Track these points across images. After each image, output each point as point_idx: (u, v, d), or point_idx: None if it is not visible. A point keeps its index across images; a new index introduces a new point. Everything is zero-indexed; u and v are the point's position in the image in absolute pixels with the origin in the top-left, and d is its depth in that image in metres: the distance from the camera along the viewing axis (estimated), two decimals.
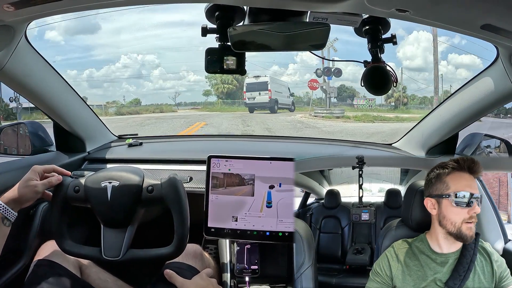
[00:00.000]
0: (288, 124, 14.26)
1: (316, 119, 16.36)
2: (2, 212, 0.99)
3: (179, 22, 42.89)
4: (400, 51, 29.24)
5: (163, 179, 1.11)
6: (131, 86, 31.94)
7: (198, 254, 1.22)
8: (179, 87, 31.80)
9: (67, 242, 1.09)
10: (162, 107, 24.53)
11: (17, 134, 1.62)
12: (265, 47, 0.98)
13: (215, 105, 25.67)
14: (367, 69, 1.02)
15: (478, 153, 1.56)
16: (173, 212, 1.07)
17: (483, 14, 0.80)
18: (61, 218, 1.09)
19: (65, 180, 1.10)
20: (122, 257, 1.06)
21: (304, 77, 31.26)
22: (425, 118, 1.62)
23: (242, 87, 21.65)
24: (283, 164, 1.24)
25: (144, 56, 32.71)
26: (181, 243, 1.07)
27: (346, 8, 0.83)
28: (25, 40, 1.13)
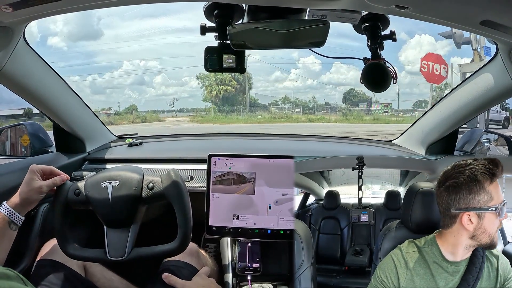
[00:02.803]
0: None
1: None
2: (9, 216, 1.00)
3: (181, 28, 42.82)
4: (402, 55, 29.24)
5: (163, 175, 1.11)
6: (133, 92, 31.95)
7: (194, 252, 1.22)
8: (182, 93, 31.77)
9: (70, 246, 1.08)
10: (145, 116, 22.59)
11: (17, 135, 1.62)
12: (265, 45, 0.99)
13: (208, 112, 23.10)
14: (366, 65, 1.02)
15: (478, 149, 1.56)
16: (175, 206, 1.08)
17: (482, 10, 0.80)
18: (63, 223, 1.09)
19: (64, 184, 1.10)
20: (127, 256, 1.06)
21: (307, 82, 31.31)
22: (425, 115, 1.62)
23: (244, 89, 20.27)
24: (283, 161, 1.24)
25: (146, 62, 32.71)
26: (185, 238, 1.08)
27: (345, 5, 0.83)
28: (24, 41, 1.13)
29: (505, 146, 1.66)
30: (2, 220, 0.99)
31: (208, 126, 16.45)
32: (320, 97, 22.34)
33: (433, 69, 13.46)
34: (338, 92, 33.08)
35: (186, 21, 32.35)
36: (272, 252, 1.29)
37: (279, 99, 26.74)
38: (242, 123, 18.52)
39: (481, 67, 1.24)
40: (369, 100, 24.12)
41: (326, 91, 36.34)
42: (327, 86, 33.88)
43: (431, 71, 13.48)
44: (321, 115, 22.72)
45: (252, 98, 24.54)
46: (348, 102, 25.44)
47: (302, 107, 24.26)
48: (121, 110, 24.98)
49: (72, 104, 1.52)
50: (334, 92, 41.13)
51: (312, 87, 33.48)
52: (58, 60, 28.09)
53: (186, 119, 21.41)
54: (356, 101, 25.56)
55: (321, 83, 33.37)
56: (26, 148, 1.59)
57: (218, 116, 21.38)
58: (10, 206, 1.01)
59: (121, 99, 34.62)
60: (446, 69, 13.63)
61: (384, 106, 22.54)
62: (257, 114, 22.24)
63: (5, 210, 1.00)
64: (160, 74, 32.46)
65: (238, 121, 19.69)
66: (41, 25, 31.23)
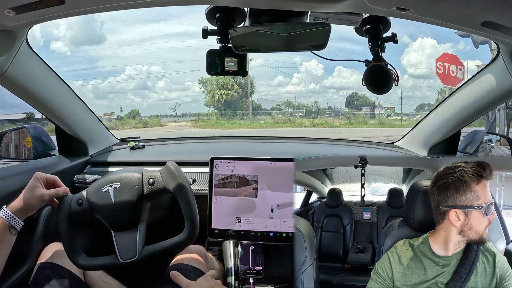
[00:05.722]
0: None
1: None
2: (9, 221, 1.00)
3: (184, 33, 43.03)
4: (405, 58, 29.24)
5: (162, 169, 1.12)
6: (136, 97, 32.03)
7: (202, 255, 1.22)
8: (184, 97, 31.85)
9: (80, 257, 1.08)
10: (147, 121, 22.52)
11: (20, 138, 1.63)
12: (266, 48, 0.99)
13: (210, 117, 22.96)
14: (368, 68, 1.02)
15: (481, 150, 1.56)
16: (178, 197, 1.08)
17: (483, 11, 0.80)
18: (70, 235, 1.08)
19: (66, 196, 1.10)
20: (139, 256, 1.06)
21: (309, 86, 31.32)
22: (427, 117, 1.62)
23: (246, 94, 20.02)
24: (285, 164, 1.24)
25: (149, 67, 32.80)
26: (193, 227, 1.08)
27: (346, 8, 0.83)
28: (27, 44, 1.13)
29: (507, 147, 1.66)
30: (1, 225, 0.99)
31: (210, 132, 16.28)
32: (322, 101, 22.49)
33: (449, 70, 12.78)
34: (341, 96, 33.08)
35: (188, 26, 32.64)
36: (274, 254, 1.29)
37: (281, 104, 26.80)
38: (245, 127, 18.31)
39: (483, 68, 1.24)
40: (372, 104, 24.09)
41: (328, 95, 36.55)
42: (330, 90, 34.05)
43: (447, 72, 12.79)
44: (324, 119, 22.67)
45: (254, 102, 24.50)
46: (351, 106, 25.46)
47: (305, 111, 24.21)
48: (123, 115, 25.03)
49: (74, 107, 1.53)
50: (336, 96, 41.25)
51: (315, 91, 33.64)
52: (61, 64, 28.34)
53: (188, 124, 21.31)
54: (359, 105, 25.55)
55: (324, 87, 33.52)
56: (29, 151, 1.59)
57: (220, 121, 21.26)
58: (11, 210, 1.01)
59: (123, 104, 34.85)
60: (463, 70, 12.88)
61: (387, 110, 22.46)
62: (260, 119, 22.12)
63: (5, 215, 1.00)
64: (162, 79, 32.62)
65: (240, 126, 19.58)
66: (44, 30, 31.44)
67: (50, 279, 1.07)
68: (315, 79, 34.08)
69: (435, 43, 28.72)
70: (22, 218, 1.02)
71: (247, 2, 0.89)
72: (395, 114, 22.72)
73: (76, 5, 0.85)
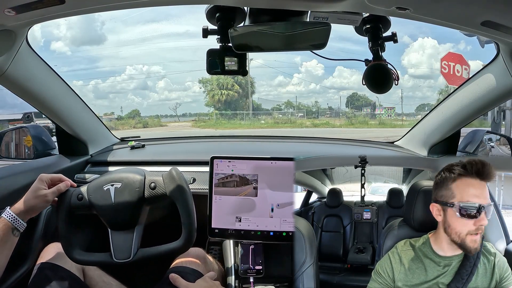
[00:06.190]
0: None
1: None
2: (12, 222, 1.00)
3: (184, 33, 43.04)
4: (405, 58, 29.22)
5: (164, 174, 1.11)
6: (136, 97, 32.01)
7: (201, 257, 1.22)
8: (185, 98, 31.84)
9: (76, 251, 1.09)
10: (147, 121, 22.40)
11: (20, 138, 1.63)
12: (266, 47, 0.99)
13: (210, 117, 22.74)
14: (368, 67, 1.02)
15: (481, 150, 1.56)
16: (178, 205, 1.08)
17: (483, 10, 0.80)
18: (67, 229, 1.09)
19: (67, 190, 1.10)
20: (133, 258, 1.06)
21: (309, 86, 31.33)
22: (427, 116, 1.62)
23: (246, 94, 19.88)
24: (285, 163, 1.24)
25: (149, 67, 32.77)
26: (190, 235, 1.07)
27: (346, 7, 0.83)
28: (27, 44, 1.13)
29: (507, 146, 1.66)
30: (5, 226, 0.99)
31: (210, 132, 16.12)
32: (323, 101, 22.48)
33: (454, 70, 12.41)
34: (341, 96, 33.08)
35: (188, 26, 32.61)
36: (274, 254, 1.29)
37: (282, 104, 26.72)
38: (245, 128, 18.22)
39: (482, 68, 1.24)
40: (373, 104, 24.05)
41: (329, 95, 36.54)
42: (330, 90, 34.04)
43: (452, 72, 12.43)
44: (325, 119, 22.63)
45: (255, 102, 24.45)
46: (351, 106, 25.43)
47: (305, 111, 24.20)
48: (123, 115, 24.98)
49: (74, 107, 1.53)
50: (337, 96, 41.25)
51: (315, 92, 33.62)
52: (61, 64, 28.35)
53: (188, 124, 21.22)
54: (359, 105, 25.51)
55: (324, 87, 33.52)
56: (29, 150, 1.59)
57: (220, 121, 21.15)
58: (14, 212, 1.01)
59: (124, 104, 34.85)
60: (468, 70, 12.49)
61: (388, 110, 22.41)
62: (260, 119, 22.07)
63: (9, 216, 1.00)
64: (163, 79, 32.58)
65: (240, 126, 19.49)
66: (44, 30, 31.44)
67: (50, 279, 1.07)
68: (315, 79, 34.12)
69: (436, 43, 28.74)
70: (25, 220, 1.02)
71: (247, 1, 0.89)
72: (395, 114, 22.72)
73: (76, 4, 0.85)
